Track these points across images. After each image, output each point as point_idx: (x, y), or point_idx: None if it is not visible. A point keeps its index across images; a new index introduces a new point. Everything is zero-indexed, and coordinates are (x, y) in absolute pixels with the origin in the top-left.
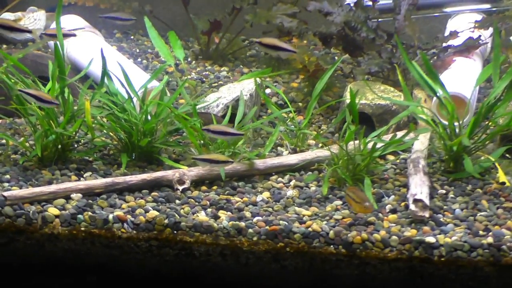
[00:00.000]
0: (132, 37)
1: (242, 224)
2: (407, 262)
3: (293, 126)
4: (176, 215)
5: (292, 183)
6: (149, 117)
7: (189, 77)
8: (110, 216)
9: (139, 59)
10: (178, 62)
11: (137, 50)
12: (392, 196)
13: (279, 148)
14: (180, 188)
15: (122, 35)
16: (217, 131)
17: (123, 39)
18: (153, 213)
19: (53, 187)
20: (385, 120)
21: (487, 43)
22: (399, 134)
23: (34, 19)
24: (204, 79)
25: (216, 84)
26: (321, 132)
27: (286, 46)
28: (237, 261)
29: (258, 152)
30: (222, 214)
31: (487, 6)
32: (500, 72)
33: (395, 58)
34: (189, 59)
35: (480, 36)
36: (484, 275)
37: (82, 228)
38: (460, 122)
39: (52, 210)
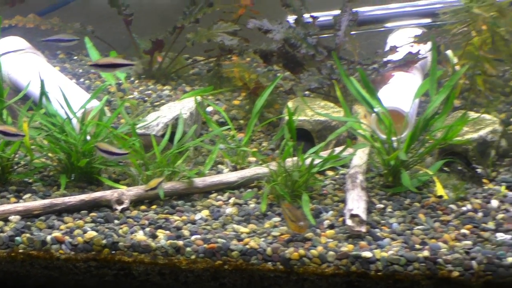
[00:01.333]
0: (75, 57)
1: (180, 243)
2: (345, 277)
3: (233, 144)
4: (114, 235)
5: (231, 200)
6: (88, 137)
7: (130, 96)
8: (48, 238)
9: (82, 79)
10: (119, 81)
11: (80, 71)
12: (331, 212)
13: (219, 166)
14: (119, 208)
15: (65, 56)
16: (104, 150)
17: (66, 59)
18: (91, 233)
19: None
20: (324, 136)
21: (427, 57)
22: (338, 149)
23: None
24: (146, 98)
25: (158, 103)
26: (262, 149)
27: (122, 61)
28: (176, 280)
29: (198, 170)
30: (161, 233)
31: (427, 20)
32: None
33: (335, 74)
34: (132, 79)
35: (419, 50)
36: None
37: (21, 250)
38: (399, 136)
39: None
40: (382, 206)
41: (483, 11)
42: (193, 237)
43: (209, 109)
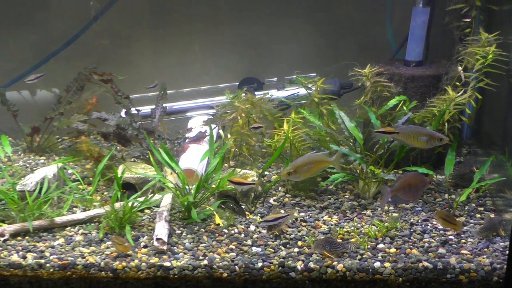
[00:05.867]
0: None
1: (42, 261)
2: (153, 280)
3: (85, 193)
4: None
5: (80, 231)
6: None
7: (16, 164)
8: None
9: None
10: (7, 155)
11: None
12: (146, 236)
13: (75, 208)
14: (2, 239)
15: None
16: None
17: None
18: None
19: None
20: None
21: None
22: (156, 196)
23: None
24: (28, 166)
25: (36, 168)
26: (104, 196)
27: None
28: (40, 286)
29: (59, 212)
30: (29, 255)
31: (213, 110)
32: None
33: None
34: (19, 152)
35: (206, 130)
36: (203, 285)
37: None
38: (191, 186)
39: None
40: (179, 231)
41: (241, 104)
42: (51, 257)
43: (69, 171)
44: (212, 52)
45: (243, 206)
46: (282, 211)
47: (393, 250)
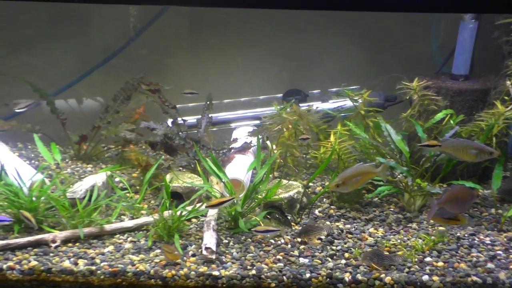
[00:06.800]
0: (29, 146)
1: (93, 267)
2: None
3: (131, 202)
4: (49, 263)
5: (129, 239)
6: (34, 199)
7: (64, 171)
8: (4, 266)
9: (33, 161)
10: (56, 162)
11: (32, 155)
12: (194, 245)
13: (122, 216)
14: (53, 245)
15: (23, 146)
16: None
17: (23, 148)
18: (33, 262)
19: None
20: (191, 196)
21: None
22: (203, 206)
23: None
24: (75, 173)
25: (83, 176)
26: (151, 205)
27: None
28: None
29: (107, 220)
30: (81, 261)
31: (257, 121)
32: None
33: (197, 157)
34: (67, 160)
35: (251, 141)
36: None
37: None
38: (239, 195)
39: None
40: (227, 241)
41: (289, 116)
42: (102, 264)
43: (117, 179)
44: (253, 65)
45: (288, 217)
46: (328, 223)
47: (440, 263)
